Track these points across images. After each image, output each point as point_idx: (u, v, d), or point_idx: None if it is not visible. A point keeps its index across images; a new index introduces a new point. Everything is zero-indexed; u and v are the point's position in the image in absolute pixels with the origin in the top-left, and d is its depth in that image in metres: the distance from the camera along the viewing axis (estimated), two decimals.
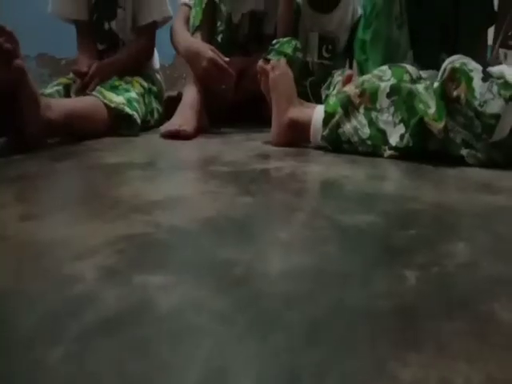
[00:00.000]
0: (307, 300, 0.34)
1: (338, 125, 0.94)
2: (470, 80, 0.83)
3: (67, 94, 1.30)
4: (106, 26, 1.43)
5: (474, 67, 0.85)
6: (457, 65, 0.85)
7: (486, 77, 0.83)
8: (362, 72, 1.29)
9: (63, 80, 1.35)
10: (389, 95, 0.89)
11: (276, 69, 1.07)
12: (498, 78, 0.83)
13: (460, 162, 0.85)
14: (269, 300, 0.34)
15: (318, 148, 1.01)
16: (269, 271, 0.39)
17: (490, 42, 1.45)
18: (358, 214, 0.56)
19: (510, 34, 0.95)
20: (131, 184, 0.70)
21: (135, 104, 1.23)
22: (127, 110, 1.18)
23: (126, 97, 1.22)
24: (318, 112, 0.99)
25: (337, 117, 0.94)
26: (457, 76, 0.84)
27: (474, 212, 0.58)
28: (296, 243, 0.46)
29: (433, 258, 0.43)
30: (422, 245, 0.46)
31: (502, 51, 0.94)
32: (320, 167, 0.85)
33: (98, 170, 0.79)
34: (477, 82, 0.82)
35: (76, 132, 1.09)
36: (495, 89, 0.81)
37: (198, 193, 0.66)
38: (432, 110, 0.83)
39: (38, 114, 0.93)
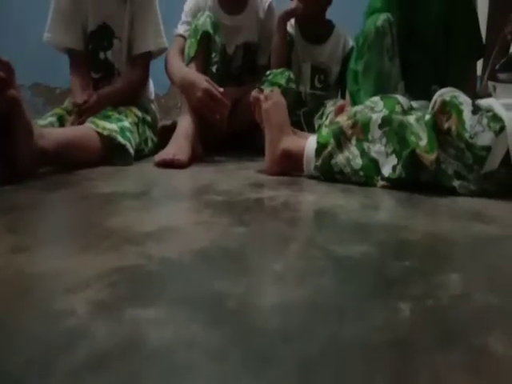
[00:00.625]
0: (301, 335, 0.34)
1: (331, 156, 0.95)
2: (460, 113, 0.84)
3: (61, 125, 1.30)
4: (102, 55, 1.45)
5: (464, 100, 0.86)
6: (447, 98, 0.87)
7: (476, 110, 0.85)
8: (354, 102, 1.31)
9: (57, 111, 1.36)
10: (380, 126, 0.91)
11: (269, 99, 1.09)
12: (487, 111, 0.84)
13: (451, 191, 0.86)
14: (262, 335, 0.34)
15: (311, 177, 1.02)
16: (262, 304, 0.39)
17: (479, 72, 1.49)
18: (352, 244, 0.56)
19: (497, 66, 0.98)
20: (124, 214, 0.70)
21: (128, 134, 1.24)
22: (120, 139, 1.18)
23: (119, 125, 1.22)
24: (310, 142, 1.00)
25: (329, 148, 0.95)
26: (447, 109, 0.86)
27: (466, 242, 0.58)
28: (290, 275, 0.46)
29: (427, 290, 0.43)
30: (416, 276, 0.46)
31: (490, 84, 0.96)
32: (313, 196, 0.85)
33: (90, 200, 0.78)
34: (467, 115, 0.84)
35: (69, 161, 1.09)
36: (485, 121, 0.83)
37: (192, 223, 0.66)
38: (423, 142, 0.84)
39: (31, 143, 0.93)
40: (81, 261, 0.49)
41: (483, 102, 0.89)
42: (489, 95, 0.99)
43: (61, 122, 1.32)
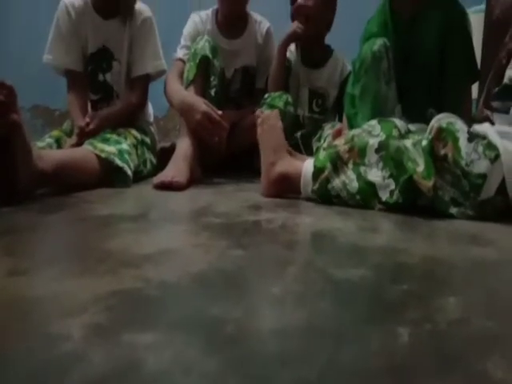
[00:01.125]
0: (300, 360, 0.34)
1: (328, 180, 0.95)
2: (456, 140, 0.85)
3: (59, 147, 1.31)
4: (101, 77, 1.46)
5: (460, 127, 0.87)
6: (443, 124, 0.88)
7: (472, 137, 0.86)
8: (351, 126, 1.32)
9: (55, 133, 1.37)
10: (377, 151, 0.91)
11: (264, 122, 1.10)
12: (483, 139, 0.85)
13: (449, 214, 0.86)
14: (260, 360, 0.34)
15: (309, 199, 1.02)
16: (260, 329, 0.39)
17: (475, 95, 1.51)
18: (350, 268, 0.56)
19: (492, 92, 0.99)
20: (122, 237, 0.70)
21: (126, 156, 1.24)
22: (117, 161, 1.19)
23: (117, 148, 1.23)
24: (307, 165, 1.00)
25: (326, 172, 0.96)
26: (443, 135, 0.87)
27: (464, 265, 0.59)
28: (288, 298, 0.46)
29: (425, 314, 0.42)
30: (415, 300, 0.46)
31: (486, 111, 0.98)
32: (311, 219, 0.85)
33: (88, 223, 0.78)
34: (463, 142, 0.85)
35: (67, 183, 1.09)
36: (480, 149, 0.83)
37: (190, 245, 0.66)
38: (421, 168, 0.85)
39: (29, 164, 0.94)
40: (78, 284, 0.49)
41: (478, 128, 0.90)
42: (485, 119, 1.00)
43: (59, 143, 1.33)
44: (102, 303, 0.43)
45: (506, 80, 0.96)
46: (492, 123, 0.95)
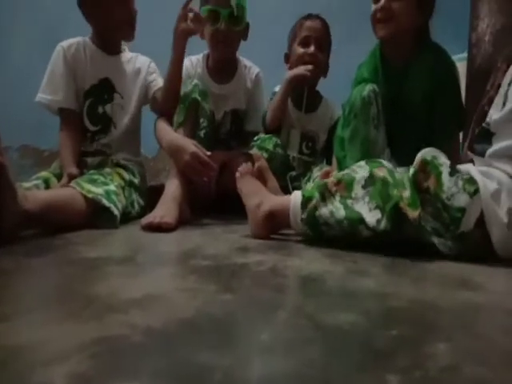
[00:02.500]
0: None
1: (315, 208, 0.97)
2: (439, 174, 0.88)
3: (47, 188, 1.30)
4: (100, 109, 1.49)
5: (444, 162, 0.90)
6: (428, 157, 0.91)
7: (453, 172, 0.88)
8: (340, 167, 1.34)
9: (44, 174, 1.36)
10: (364, 186, 0.93)
11: (242, 177, 1.14)
12: (464, 174, 0.88)
13: (437, 256, 0.87)
14: None
15: (298, 241, 1.02)
16: (249, 377, 0.38)
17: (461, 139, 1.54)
18: (339, 313, 0.55)
19: (476, 133, 1.02)
20: (108, 280, 0.69)
21: (113, 197, 1.24)
22: (104, 201, 1.18)
23: (104, 189, 1.23)
24: (296, 197, 1.02)
25: (314, 201, 0.97)
26: (427, 168, 0.89)
27: (453, 310, 0.58)
28: (277, 346, 0.45)
29: (415, 361, 0.42)
30: (404, 346, 0.46)
31: (470, 154, 1.01)
32: (301, 261, 0.85)
33: (74, 266, 0.77)
34: (445, 177, 0.87)
35: (53, 224, 1.08)
36: (460, 183, 0.86)
37: (177, 290, 0.65)
38: (407, 193, 0.87)
39: (14, 205, 0.93)
40: (62, 330, 0.48)
41: (462, 168, 0.92)
42: (469, 162, 1.03)
43: (47, 184, 1.33)
44: (87, 351, 0.42)
45: (484, 123, 0.99)
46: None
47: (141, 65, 1.56)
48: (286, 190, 1.43)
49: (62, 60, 1.45)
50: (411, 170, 0.91)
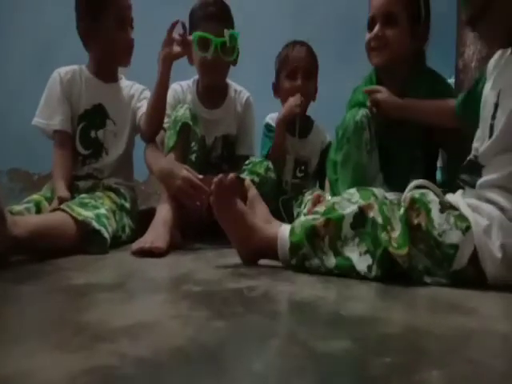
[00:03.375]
0: None
1: (305, 257, 0.94)
2: (428, 211, 0.87)
3: (38, 212, 1.29)
4: (93, 134, 1.49)
5: (432, 199, 0.89)
6: (416, 195, 0.90)
7: (443, 208, 0.87)
8: (332, 190, 1.35)
9: (35, 197, 1.35)
10: (352, 226, 0.91)
11: (218, 200, 1.03)
12: (454, 210, 0.88)
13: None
14: None
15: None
16: None
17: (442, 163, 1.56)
18: (332, 340, 0.55)
19: (463, 165, 1.02)
20: (99, 308, 0.68)
21: (104, 220, 1.23)
22: (94, 224, 1.17)
23: (94, 212, 1.22)
24: (282, 237, 0.97)
25: (303, 249, 0.94)
26: (416, 205, 0.88)
27: (446, 336, 0.58)
28: (270, 375, 0.44)
29: None
30: (398, 373, 0.45)
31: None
32: (293, 287, 0.84)
33: (64, 293, 0.76)
34: (435, 213, 0.86)
35: (43, 248, 1.06)
36: (452, 220, 0.85)
37: (169, 317, 0.64)
38: (396, 233, 0.85)
39: (4, 231, 0.92)
40: (51, 360, 0.47)
41: (451, 199, 0.92)
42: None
43: (38, 208, 1.31)
44: (75, 382, 0.41)
45: (471, 155, 0.99)
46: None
47: (135, 91, 1.57)
48: (278, 214, 1.43)
49: (58, 85, 1.47)
50: (401, 209, 0.89)
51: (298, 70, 1.66)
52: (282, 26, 2.51)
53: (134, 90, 1.58)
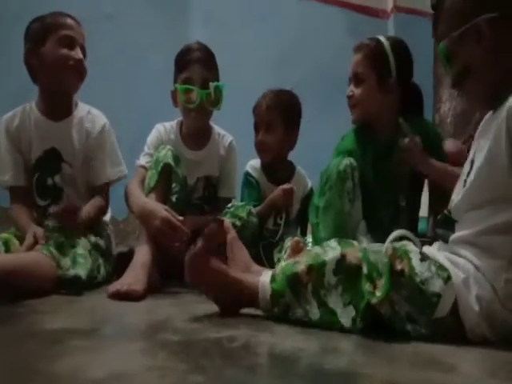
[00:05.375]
0: None
1: (288, 307, 0.92)
2: (410, 260, 0.88)
3: (7, 251, 1.25)
4: (50, 181, 1.44)
5: (412, 249, 0.90)
6: (396, 245, 0.91)
7: (424, 258, 0.88)
8: (313, 234, 1.35)
9: (4, 235, 1.31)
10: (335, 272, 0.90)
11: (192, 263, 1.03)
12: (434, 260, 0.89)
13: (407, 335, 0.85)
14: None
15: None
16: None
17: (425, 213, 1.59)
18: None
19: (437, 219, 1.04)
20: (72, 356, 0.65)
21: (80, 260, 1.21)
22: (71, 271, 1.15)
23: (70, 257, 1.19)
24: (263, 286, 0.95)
25: (286, 298, 0.92)
26: (398, 254, 0.89)
27: None
28: None
29: None
30: None
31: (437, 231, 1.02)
32: (274, 338, 0.82)
33: (36, 339, 0.73)
34: (415, 262, 0.87)
35: (17, 290, 1.03)
36: (433, 269, 0.86)
37: (145, 368, 0.62)
38: (382, 282, 0.84)
39: None
40: None
41: (428, 252, 0.93)
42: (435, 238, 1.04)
43: (7, 247, 1.27)
44: None
45: (446, 210, 1.00)
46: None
47: (90, 125, 1.50)
48: (258, 258, 1.42)
49: (4, 136, 1.43)
50: (384, 260, 0.89)
51: (259, 124, 1.69)
52: (267, 73, 2.54)
53: (89, 122, 1.51)
